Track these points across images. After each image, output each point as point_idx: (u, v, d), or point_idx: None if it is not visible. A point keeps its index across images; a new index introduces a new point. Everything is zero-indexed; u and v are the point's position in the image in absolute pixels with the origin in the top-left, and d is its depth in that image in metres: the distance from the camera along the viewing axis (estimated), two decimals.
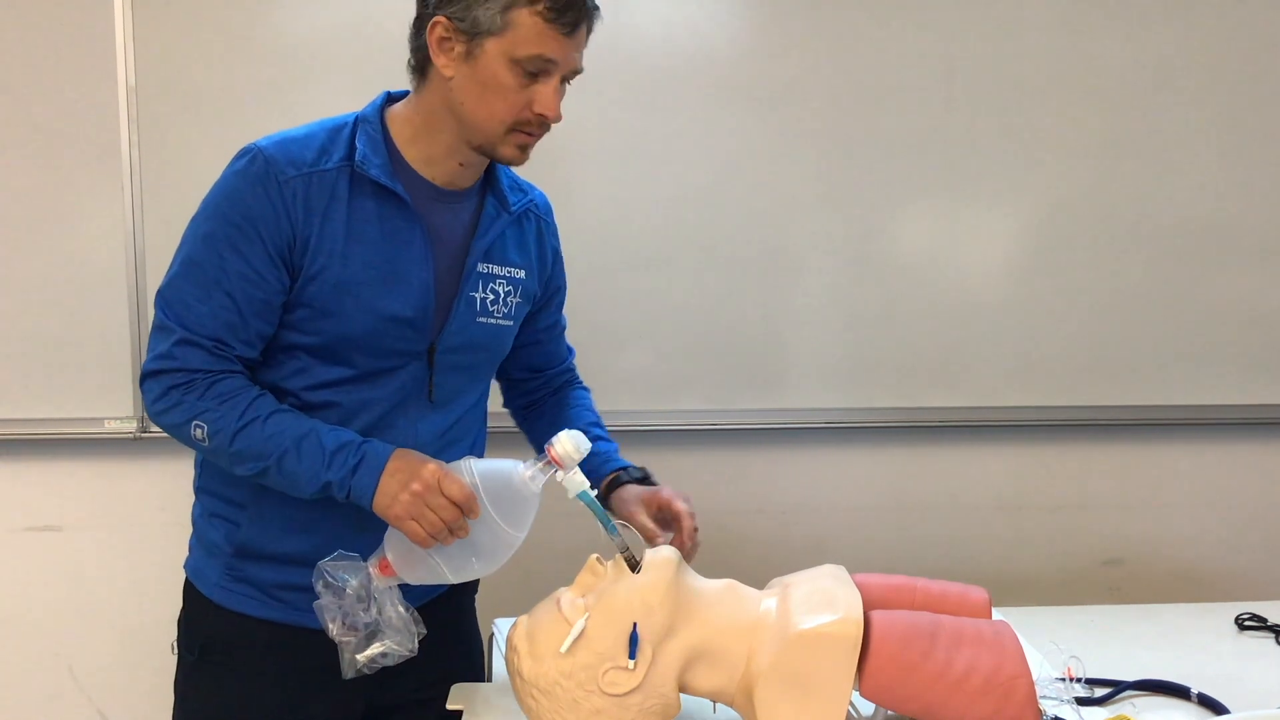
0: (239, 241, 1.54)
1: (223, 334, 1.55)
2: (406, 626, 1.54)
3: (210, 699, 1.73)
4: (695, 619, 1.56)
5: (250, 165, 1.56)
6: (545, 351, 1.91)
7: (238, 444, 1.53)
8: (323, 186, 1.56)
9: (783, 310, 2.59)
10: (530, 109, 1.55)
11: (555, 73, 1.55)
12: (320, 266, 1.56)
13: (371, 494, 1.51)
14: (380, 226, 1.59)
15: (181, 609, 1.77)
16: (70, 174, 2.42)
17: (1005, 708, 1.51)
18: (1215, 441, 2.84)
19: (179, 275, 1.57)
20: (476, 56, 1.53)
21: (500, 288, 1.69)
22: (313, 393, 1.62)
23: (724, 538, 2.70)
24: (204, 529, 1.74)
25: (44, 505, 2.57)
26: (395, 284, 1.60)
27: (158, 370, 1.56)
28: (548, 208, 1.81)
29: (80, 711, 2.62)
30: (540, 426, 1.90)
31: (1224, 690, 1.84)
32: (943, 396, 2.68)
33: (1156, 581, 2.85)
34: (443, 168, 1.63)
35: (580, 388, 1.97)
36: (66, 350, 2.46)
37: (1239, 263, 2.73)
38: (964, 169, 2.63)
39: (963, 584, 1.74)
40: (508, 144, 1.58)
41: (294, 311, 1.59)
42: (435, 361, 1.66)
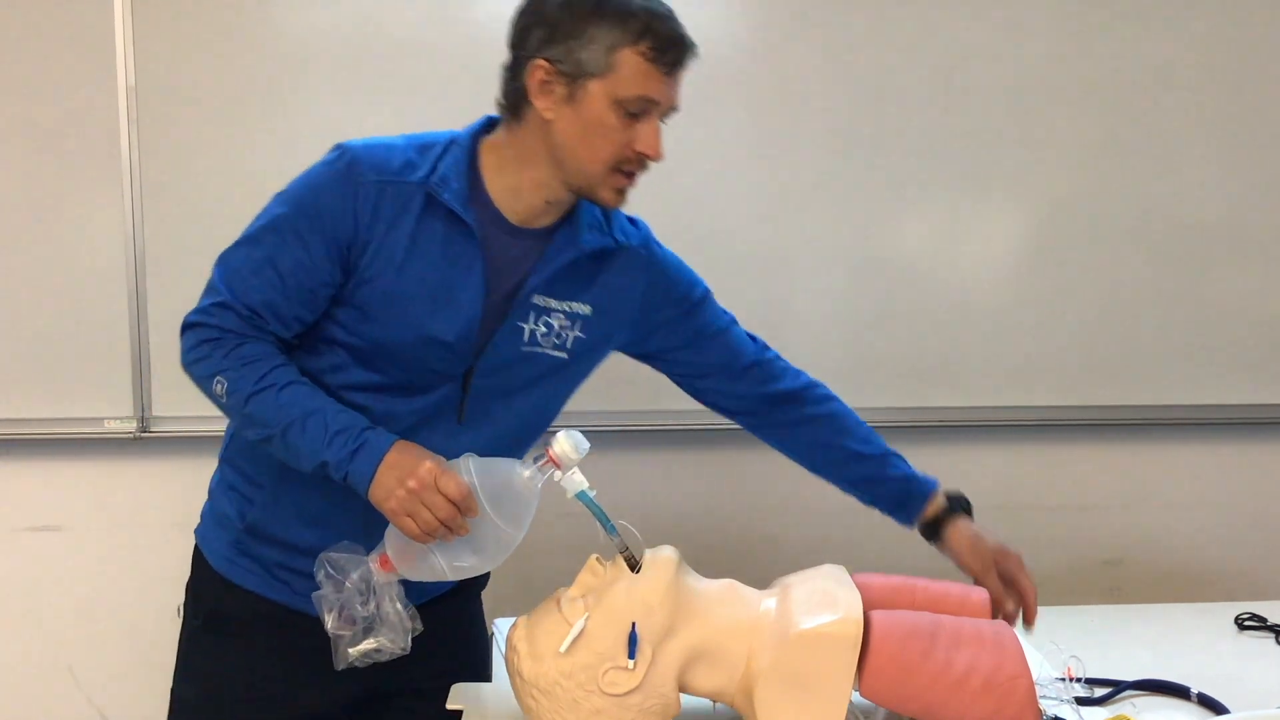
0: (303, 229, 1.57)
1: (261, 309, 1.58)
2: (402, 624, 1.54)
3: (212, 665, 1.76)
4: (695, 619, 1.56)
5: (335, 161, 1.59)
6: (713, 356, 1.85)
7: (250, 407, 1.55)
8: (398, 197, 1.58)
9: (782, 310, 2.59)
10: (632, 148, 1.56)
11: (656, 112, 1.56)
12: (375, 273, 1.58)
13: (367, 482, 1.52)
14: (444, 249, 1.59)
15: (190, 575, 1.80)
16: (70, 174, 2.43)
17: (1005, 708, 1.51)
18: (1216, 441, 2.84)
19: (242, 243, 1.60)
20: (579, 99, 1.54)
21: (556, 321, 1.67)
22: (346, 391, 1.63)
23: (725, 537, 2.70)
24: (219, 499, 1.76)
25: (44, 505, 2.57)
26: (443, 307, 1.60)
27: (195, 323, 1.59)
28: (642, 242, 1.77)
29: (80, 712, 2.62)
30: (801, 446, 1.89)
31: (1224, 690, 1.83)
32: (942, 396, 2.69)
33: (1156, 581, 2.85)
34: (526, 203, 1.63)
35: (827, 399, 1.88)
36: (66, 350, 2.46)
37: (1239, 263, 2.74)
38: (963, 169, 2.63)
39: (963, 585, 1.74)
40: (607, 186, 1.58)
41: (342, 309, 1.61)
42: (470, 385, 1.66)
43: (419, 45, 2.46)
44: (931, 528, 1.83)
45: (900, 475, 1.84)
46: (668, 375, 1.88)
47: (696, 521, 2.69)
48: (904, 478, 1.84)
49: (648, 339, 1.81)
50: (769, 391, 1.85)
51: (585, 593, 1.56)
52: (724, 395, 1.88)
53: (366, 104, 2.46)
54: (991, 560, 1.76)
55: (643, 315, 1.77)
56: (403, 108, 2.46)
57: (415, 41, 2.46)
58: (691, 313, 1.81)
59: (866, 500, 1.87)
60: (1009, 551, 1.77)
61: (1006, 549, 1.77)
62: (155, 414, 2.50)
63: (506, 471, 1.52)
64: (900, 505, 1.84)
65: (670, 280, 1.78)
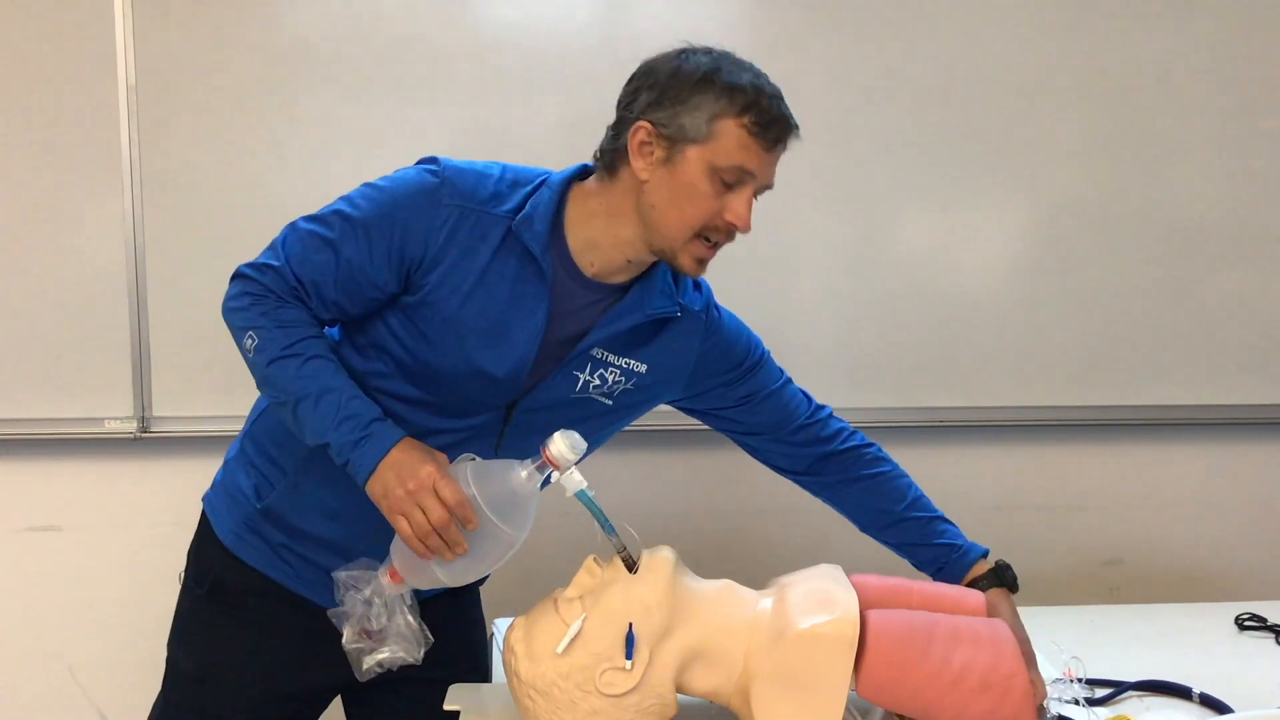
0: (374, 230, 1.57)
1: (307, 285, 1.59)
2: (415, 636, 1.56)
3: (210, 635, 1.78)
4: (692, 620, 1.56)
5: (426, 175, 1.60)
6: (763, 418, 1.86)
7: (272, 370, 1.56)
8: (478, 226, 1.58)
9: (781, 310, 2.59)
10: (721, 217, 1.56)
11: (750, 185, 1.57)
12: (440, 297, 1.59)
13: (367, 475, 1.52)
14: (513, 286, 1.60)
15: (193, 541, 1.82)
16: (70, 173, 2.43)
17: (1002, 706, 1.52)
18: (1216, 441, 2.84)
19: (315, 218, 1.61)
20: (676, 163, 1.55)
21: (610, 375, 1.68)
22: (387, 399, 1.64)
23: (725, 538, 2.70)
24: (235, 472, 1.77)
25: (44, 505, 2.57)
26: (499, 343, 1.61)
27: (245, 275, 1.61)
28: (704, 307, 1.77)
29: (80, 712, 2.63)
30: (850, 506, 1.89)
31: (1224, 690, 1.83)
32: (942, 396, 2.68)
33: (1156, 581, 2.85)
34: (604, 257, 1.63)
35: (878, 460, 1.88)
36: (66, 350, 2.46)
37: (1239, 262, 2.73)
38: (963, 168, 2.63)
39: (959, 587, 1.74)
40: (688, 253, 1.58)
41: (399, 320, 1.62)
42: (512, 418, 1.67)
43: (420, 43, 2.46)
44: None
45: (945, 544, 1.84)
46: (718, 430, 1.89)
47: (693, 522, 2.69)
48: (948, 546, 1.84)
49: (698, 398, 1.83)
50: (819, 452, 1.87)
51: (582, 593, 1.56)
52: (774, 454, 1.89)
53: (368, 103, 2.46)
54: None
55: (694, 378, 1.78)
56: (404, 106, 2.46)
57: (416, 39, 2.46)
58: (745, 377, 1.81)
59: (911, 562, 1.88)
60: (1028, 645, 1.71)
61: (1028, 643, 1.72)
62: (155, 414, 2.50)
63: (505, 474, 1.52)
64: (940, 570, 1.84)
65: (726, 346, 1.79)
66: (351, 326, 1.68)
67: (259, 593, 1.74)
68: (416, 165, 1.63)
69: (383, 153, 2.37)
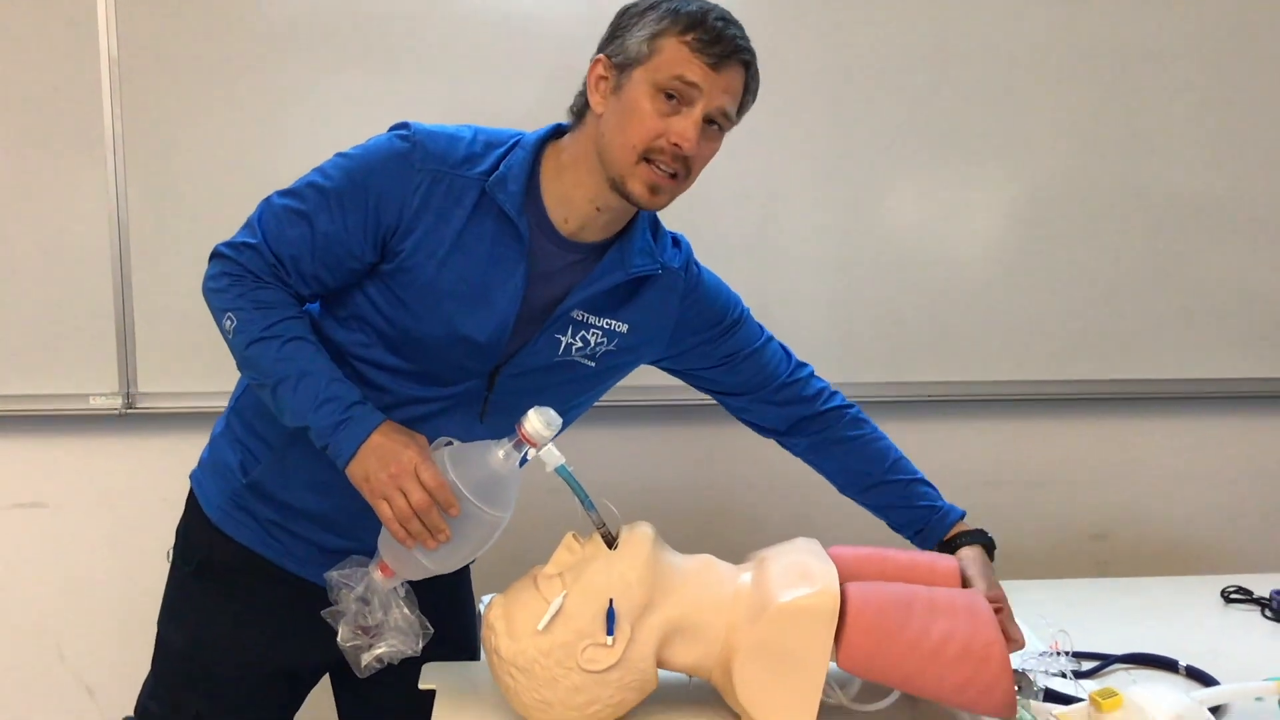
0: (348, 199, 1.57)
1: (286, 261, 1.59)
2: (411, 628, 1.57)
3: (199, 611, 1.78)
4: (673, 595, 1.56)
5: (397, 141, 1.59)
6: (744, 377, 1.85)
7: (251, 351, 1.56)
8: (452, 190, 1.58)
9: (770, 287, 2.58)
10: (666, 138, 1.54)
11: (698, 103, 1.54)
12: (416, 263, 1.58)
13: (347, 459, 1.52)
14: (490, 249, 1.59)
15: (181, 519, 1.82)
16: (52, 148, 2.41)
17: (981, 675, 1.52)
18: (1202, 415, 2.84)
19: (289, 193, 1.61)
20: (624, 87, 1.55)
21: (592, 337, 1.68)
22: (369, 369, 1.64)
23: (700, 513, 2.70)
24: (222, 448, 1.77)
25: (29, 482, 2.56)
26: (479, 308, 1.60)
27: (223, 254, 1.61)
28: (683, 264, 1.76)
29: (68, 690, 2.63)
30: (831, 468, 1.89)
31: (1211, 663, 1.84)
32: (930, 371, 2.68)
33: (1143, 555, 2.85)
34: (577, 211, 1.62)
35: (858, 422, 1.88)
36: (50, 326, 2.45)
37: (1224, 238, 2.72)
38: (952, 145, 2.62)
39: (932, 553, 1.75)
40: (637, 177, 1.56)
41: (377, 289, 1.62)
42: (495, 384, 1.66)
43: (405, 18, 2.44)
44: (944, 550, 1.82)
45: (925, 506, 1.84)
46: (699, 390, 1.89)
47: (672, 497, 2.69)
48: (928, 508, 1.84)
49: (679, 358, 1.82)
50: (801, 413, 1.86)
51: (562, 570, 1.56)
52: (756, 414, 1.89)
53: (353, 78, 2.44)
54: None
55: (675, 337, 1.78)
56: (389, 81, 2.45)
57: (400, 15, 2.44)
58: (725, 336, 1.81)
59: (889, 524, 1.88)
60: (999, 595, 1.71)
61: (998, 594, 1.71)
62: (141, 390, 2.49)
63: (483, 455, 1.51)
64: (918, 533, 1.85)
65: (707, 303, 1.78)
66: (331, 299, 1.67)
67: (247, 569, 1.74)
68: (388, 131, 1.62)
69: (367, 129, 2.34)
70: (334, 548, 1.68)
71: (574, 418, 1.77)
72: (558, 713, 1.54)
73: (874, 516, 1.89)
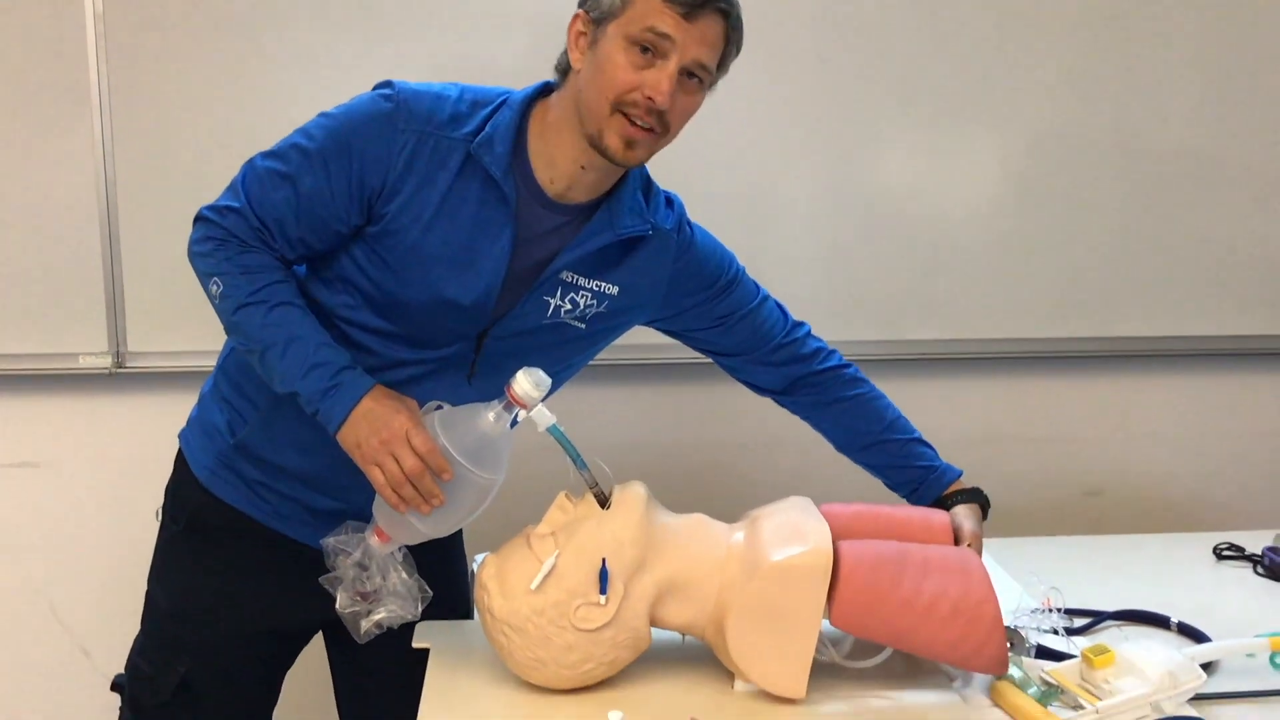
0: (331, 160, 1.55)
1: (271, 224, 1.58)
2: (410, 593, 1.57)
3: (188, 571, 1.78)
4: (666, 554, 1.57)
5: (380, 101, 1.57)
6: (740, 338, 1.84)
7: (238, 317, 1.56)
8: (437, 152, 1.56)
9: (762, 243, 2.56)
10: (639, 90, 1.51)
11: (672, 55, 1.51)
12: (401, 225, 1.56)
13: (337, 425, 1.52)
14: (476, 211, 1.58)
15: (170, 478, 1.82)
16: (38, 105, 2.38)
17: (973, 632, 1.53)
18: (1195, 373, 2.83)
19: (272, 154, 1.59)
20: (599, 42, 1.52)
21: (582, 299, 1.66)
22: (356, 331, 1.63)
23: (705, 472, 2.70)
24: (209, 408, 1.77)
25: (20, 442, 2.55)
26: (465, 271, 1.58)
27: (207, 218, 1.59)
28: (675, 225, 1.73)
29: (62, 648, 2.63)
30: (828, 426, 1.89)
31: (1202, 619, 1.85)
32: (923, 329, 2.67)
33: (1136, 512, 2.86)
34: (563, 172, 1.60)
35: (856, 381, 1.87)
36: (38, 285, 2.43)
37: (1219, 194, 2.71)
38: (945, 100, 2.59)
39: (924, 509, 1.75)
40: (612, 129, 1.53)
41: (363, 251, 1.60)
42: (483, 346, 1.65)
43: None
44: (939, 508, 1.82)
45: (922, 466, 1.84)
46: (696, 350, 1.88)
47: (664, 456, 2.69)
48: (925, 468, 1.84)
49: (674, 319, 1.81)
50: (797, 372, 1.85)
51: (555, 529, 1.57)
52: (753, 374, 1.88)
53: (342, 34, 2.41)
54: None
55: (668, 298, 1.76)
56: (379, 37, 2.41)
57: None
58: (719, 297, 1.79)
59: (886, 483, 1.88)
60: (975, 534, 1.73)
61: (974, 533, 1.73)
62: (131, 349, 2.47)
63: (473, 418, 1.51)
64: (914, 492, 1.84)
65: (700, 264, 1.76)
66: (317, 261, 1.66)
67: (235, 529, 1.74)
68: (372, 91, 1.60)
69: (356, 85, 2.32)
70: (322, 508, 1.68)
71: (566, 378, 1.77)
72: (551, 671, 1.54)
73: (868, 475, 1.89)
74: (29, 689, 2.64)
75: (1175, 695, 1.54)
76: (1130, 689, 1.54)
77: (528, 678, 1.57)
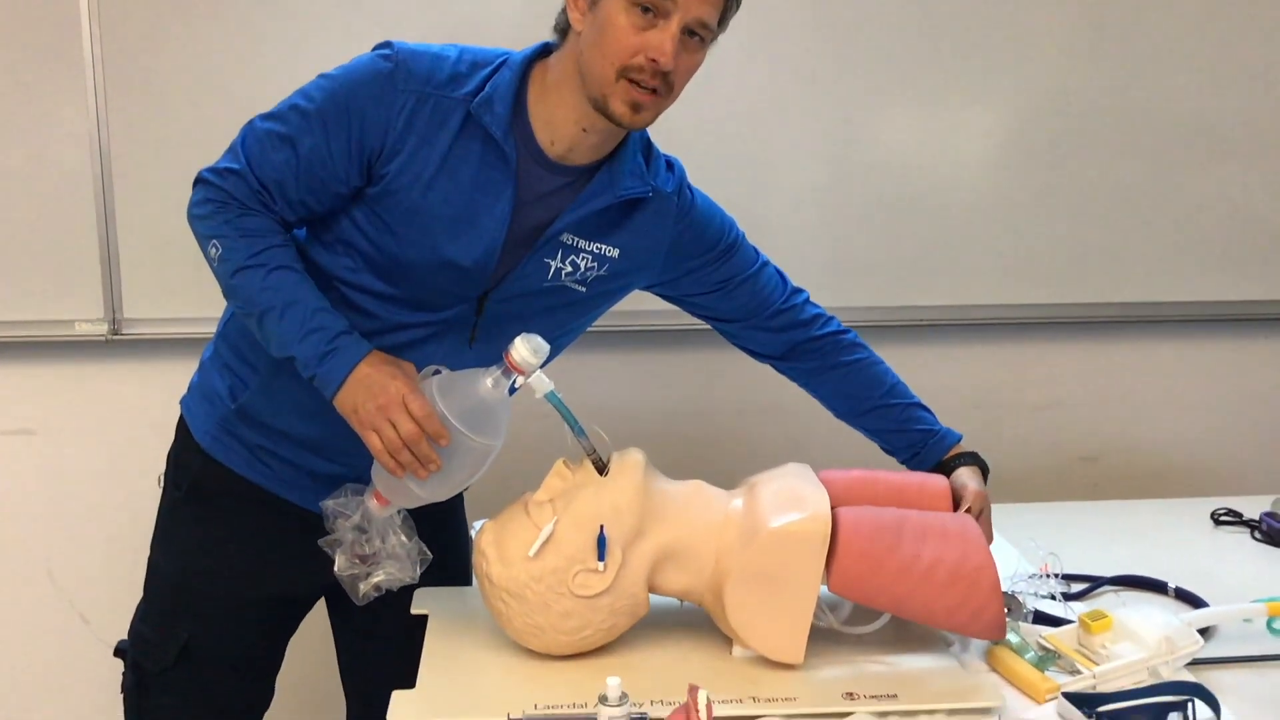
0: (331, 121, 1.55)
1: (271, 186, 1.57)
2: (408, 555, 1.57)
3: (190, 536, 1.78)
4: (664, 520, 1.57)
5: (379, 61, 1.56)
6: (739, 303, 1.83)
7: (236, 280, 1.55)
8: (437, 112, 1.55)
9: (761, 208, 2.55)
10: (643, 54, 1.50)
11: (673, 15, 1.49)
12: (401, 185, 1.56)
13: (334, 390, 1.52)
14: (476, 172, 1.57)
15: (172, 445, 1.82)
16: (31, 72, 2.36)
17: (971, 598, 1.54)
18: (1193, 338, 2.83)
19: (272, 116, 1.59)
20: (599, 3, 1.51)
21: (582, 261, 1.65)
22: (356, 294, 1.63)
23: (703, 439, 2.70)
24: (210, 374, 1.77)
25: (17, 409, 2.54)
26: (465, 231, 1.58)
27: (206, 181, 1.59)
28: (676, 188, 1.73)
29: (60, 615, 2.63)
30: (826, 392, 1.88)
31: (1200, 584, 1.86)
32: (921, 295, 2.66)
33: (1133, 478, 2.86)
34: (563, 132, 1.59)
35: (855, 347, 1.87)
36: (33, 252, 2.42)
37: (1218, 160, 2.69)
38: (946, 65, 2.58)
39: (923, 473, 1.75)
40: (618, 95, 1.52)
41: (363, 213, 1.60)
42: (485, 309, 1.65)
43: None
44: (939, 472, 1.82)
45: (922, 430, 1.83)
46: (694, 316, 1.87)
47: (662, 423, 2.69)
48: (925, 432, 1.83)
49: (673, 284, 1.80)
50: (796, 338, 1.85)
51: (553, 496, 1.57)
52: (751, 339, 1.87)
53: None
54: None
55: (669, 262, 1.75)
56: None
57: None
58: (719, 261, 1.79)
59: (885, 448, 1.87)
60: (980, 493, 1.73)
61: (979, 492, 1.73)
62: (127, 316, 2.47)
63: (471, 384, 1.51)
64: (914, 457, 1.84)
65: (700, 228, 1.76)
66: (317, 223, 1.65)
67: (237, 495, 1.74)
68: (371, 51, 1.59)
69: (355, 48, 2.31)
70: (323, 472, 1.68)
71: (566, 343, 1.76)
72: (549, 637, 1.55)
73: (866, 442, 1.89)
74: (28, 656, 2.65)
75: (1172, 660, 1.54)
76: (1127, 654, 1.54)
77: (526, 644, 1.57)
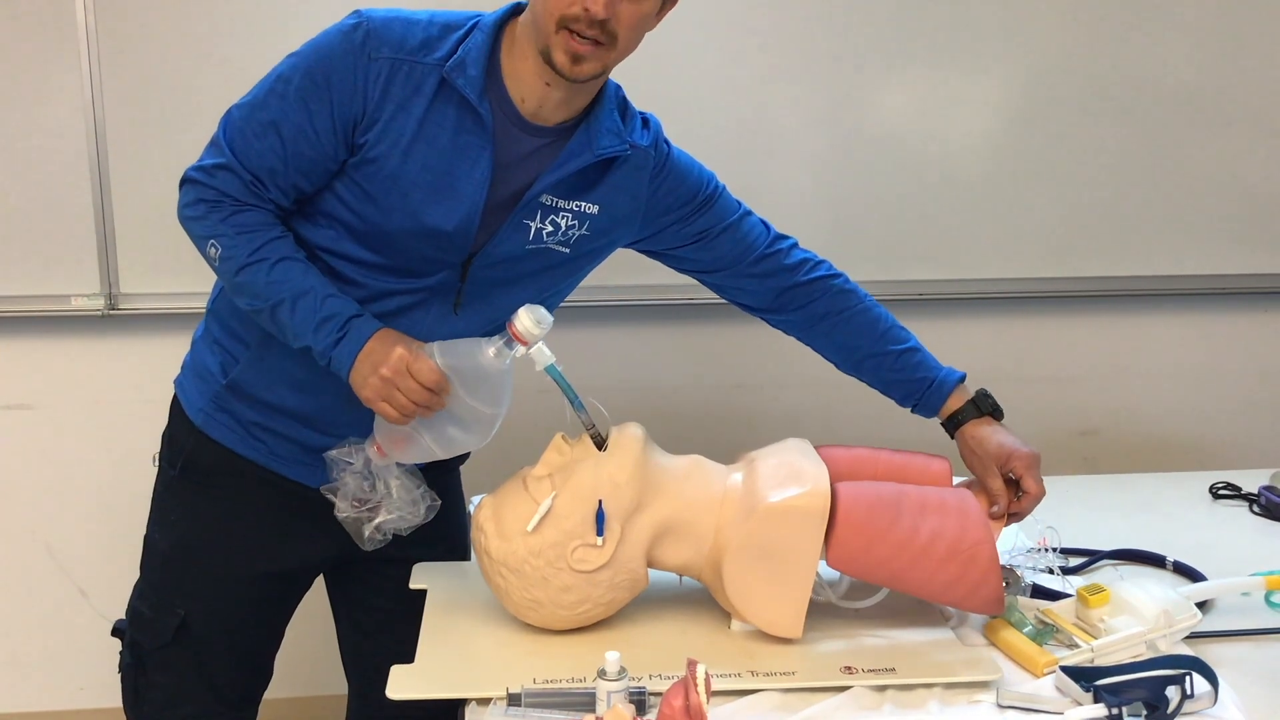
0: (310, 96, 1.54)
1: (263, 175, 1.57)
2: (410, 496, 1.58)
3: (186, 514, 1.78)
4: (662, 495, 1.57)
5: (351, 31, 1.55)
6: (721, 252, 1.81)
7: (242, 277, 1.55)
8: (411, 77, 1.54)
9: (762, 182, 2.54)
10: (580, 4, 1.48)
11: None
12: (379, 153, 1.55)
13: (348, 370, 1.53)
14: (453, 137, 1.56)
15: (167, 424, 1.81)
16: (26, 48, 2.35)
17: (969, 573, 1.54)
18: (1192, 312, 2.83)
19: (249, 104, 1.58)
20: None
21: (563, 221, 1.65)
22: (340, 263, 1.62)
23: (702, 414, 2.70)
24: (202, 352, 1.77)
25: (14, 384, 2.55)
26: (445, 196, 1.58)
27: (195, 180, 1.58)
28: (652, 143, 1.71)
29: (59, 589, 2.64)
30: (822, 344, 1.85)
31: (1199, 558, 1.86)
32: (920, 269, 2.66)
33: (1132, 451, 2.87)
34: (531, 90, 1.58)
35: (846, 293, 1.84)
36: (29, 227, 2.41)
37: (1218, 132, 2.69)
38: (945, 36, 2.57)
39: (925, 454, 1.74)
40: (559, 46, 1.51)
41: (343, 183, 1.59)
42: (469, 274, 1.64)
43: None
44: (950, 425, 1.80)
45: (920, 377, 1.81)
46: (680, 272, 1.86)
47: (661, 398, 2.69)
48: (922, 379, 1.81)
49: (655, 239, 1.79)
50: (783, 284, 1.82)
51: (551, 471, 1.57)
52: (739, 291, 1.85)
53: None
54: (992, 462, 1.72)
55: (648, 216, 1.75)
56: None
57: None
58: (699, 212, 1.77)
59: (891, 398, 1.85)
60: (1020, 452, 1.72)
61: (1017, 450, 1.72)
62: (123, 291, 2.46)
63: (473, 352, 1.51)
64: (919, 403, 1.82)
65: (678, 180, 1.75)
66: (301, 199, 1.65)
67: (231, 471, 1.74)
68: (340, 22, 1.57)
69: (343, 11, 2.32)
70: (317, 445, 1.68)
71: (553, 306, 1.75)
72: (548, 612, 1.55)
73: (865, 415, 1.88)
74: (28, 629, 2.66)
75: (1170, 634, 1.54)
76: (1125, 627, 1.55)
77: (525, 618, 1.57)
